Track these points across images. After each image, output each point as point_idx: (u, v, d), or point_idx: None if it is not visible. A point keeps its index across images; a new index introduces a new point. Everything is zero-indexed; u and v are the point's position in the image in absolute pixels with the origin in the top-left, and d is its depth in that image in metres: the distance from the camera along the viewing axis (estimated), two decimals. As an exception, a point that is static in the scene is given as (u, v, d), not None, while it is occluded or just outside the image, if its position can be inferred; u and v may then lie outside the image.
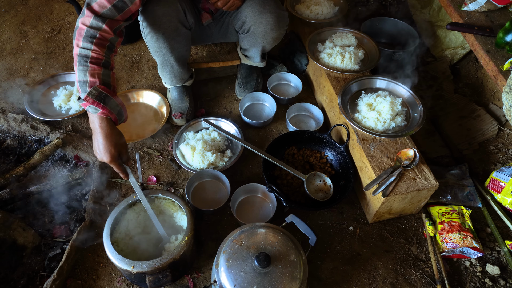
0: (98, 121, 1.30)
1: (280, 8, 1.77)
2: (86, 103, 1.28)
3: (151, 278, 1.31)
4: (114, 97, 1.33)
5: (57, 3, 2.70)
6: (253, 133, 1.98)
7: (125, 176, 1.38)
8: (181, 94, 1.98)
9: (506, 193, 1.64)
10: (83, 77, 1.30)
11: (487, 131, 1.98)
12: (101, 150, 1.31)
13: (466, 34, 1.76)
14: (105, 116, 1.30)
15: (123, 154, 1.36)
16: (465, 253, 1.53)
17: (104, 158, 1.31)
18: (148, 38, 1.66)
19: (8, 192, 1.58)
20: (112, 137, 1.31)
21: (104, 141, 1.30)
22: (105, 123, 1.30)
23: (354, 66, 1.90)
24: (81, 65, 1.30)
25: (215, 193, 1.71)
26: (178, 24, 1.64)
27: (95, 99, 1.27)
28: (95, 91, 1.28)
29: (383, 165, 1.55)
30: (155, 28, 1.61)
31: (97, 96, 1.27)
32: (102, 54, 1.32)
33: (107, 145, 1.30)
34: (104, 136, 1.30)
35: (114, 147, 1.31)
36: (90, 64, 1.30)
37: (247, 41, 1.88)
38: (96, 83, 1.29)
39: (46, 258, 1.48)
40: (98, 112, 1.29)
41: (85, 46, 1.30)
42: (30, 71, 2.24)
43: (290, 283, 1.19)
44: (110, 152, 1.30)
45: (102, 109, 1.28)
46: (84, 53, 1.30)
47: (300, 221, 1.38)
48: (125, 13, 1.38)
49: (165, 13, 1.58)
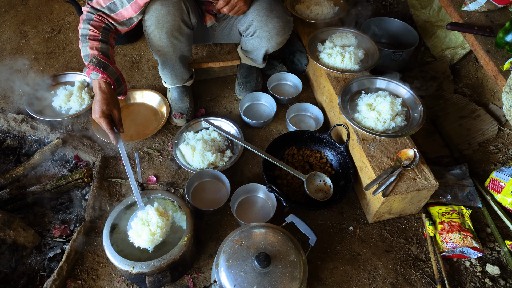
0: (98, 84, 1.46)
1: (287, 13, 1.79)
2: (89, 70, 1.45)
3: (151, 278, 1.31)
4: (112, 66, 1.49)
5: (57, 3, 2.70)
6: (253, 133, 1.98)
7: (114, 138, 1.45)
8: (181, 94, 1.98)
9: (506, 193, 1.64)
10: (85, 52, 1.49)
11: (487, 131, 1.98)
12: (94, 108, 1.43)
13: (466, 34, 1.77)
14: (104, 80, 1.46)
15: (115, 116, 1.46)
16: (465, 253, 1.53)
17: (96, 114, 1.42)
18: (151, 37, 1.66)
19: (8, 192, 1.58)
20: (107, 97, 1.44)
21: (99, 99, 1.43)
22: (104, 86, 1.46)
23: (354, 66, 1.90)
24: (82, 43, 1.50)
25: (215, 193, 1.71)
26: (181, 24, 1.64)
27: (95, 65, 1.44)
28: (95, 59, 1.45)
29: (383, 165, 1.55)
30: (158, 26, 1.61)
31: (97, 63, 1.45)
32: (98, 32, 1.50)
33: (101, 103, 1.43)
34: (100, 96, 1.44)
35: (106, 106, 1.43)
36: (89, 40, 1.49)
37: (251, 44, 1.89)
38: (95, 54, 1.47)
39: (46, 258, 1.48)
40: (99, 77, 1.45)
41: (84, 27, 1.51)
42: (30, 71, 2.24)
43: (290, 283, 1.19)
44: (101, 109, 1.42)
45: (102, 73, 1.44)
46: (84, 33, 1.50)
47: (300, 221, 1.38)
48: (118, 14, 1.55)
49: (168, 12, 1.59)
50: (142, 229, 1.33)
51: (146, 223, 1.34)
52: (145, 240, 1.32)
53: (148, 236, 1.32)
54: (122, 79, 1.55)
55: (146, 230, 1.32)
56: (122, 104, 2.05)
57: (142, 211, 1.37)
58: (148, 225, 1.34)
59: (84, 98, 2.00)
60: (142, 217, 1.35)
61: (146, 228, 1.33)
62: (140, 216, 1.36)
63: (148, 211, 1.36)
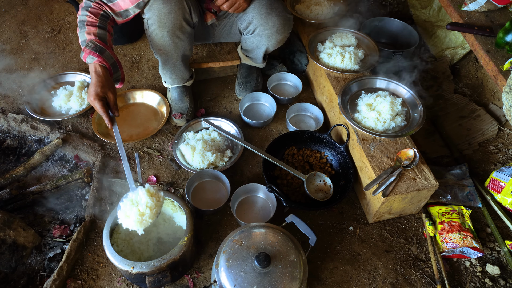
0: (93, 68, 1.46)
1: (287, 11, 1.79)
2: (85, 54, 1.44)
3: (151, 278, 1.31)
4: (109, 51, 1.49)
5: (57, 3, 2.70)
6: (253, 133, 1.98)
7: (109, 121, 1.44)
8: (181, 94, 1.98)
9: (506, 193, 1.64)
10: (82, 37, 1.49)
11: (487, 131, 1.98)
12: (89, 90, 1.43)
13: (466, 34, 1.76)
14: (99, 63, 1.45)
15: (110, 99, 1.45)
16: (465, 253, 1.53)
17: (90, 97, 1.42)
18: (152, 36, 1.66)
19: (8, 192, 1.58)
20: (101, 80, 1.44)
21: (94, 82, 1.43)
22: (99, 69, 1.45)
23: (354, 66, 1.90)
24: (80, 29, 1.51)
25: (215, 193, 1.71)
26: (183, 22, 1.65)
27: (91, 49, 1.44)
28: (91, 43, 1.46)
29: (383, 165, 1.55)
30: (160, 25, 1.61)
31: (93, 47, 1.45)
32: (96, 19, 1.51)
33: (95, 86, 1.42)
34: (95, 79, 1.44)
35: (101, 88, 1.42)
36: (87, 26, 1.49)
37: (251, 42, 1.89)
38: (92, 39, 1.47)
39: (46, 258, 1.48)
40: (94, 60, 1.44)
41: (83, 14, 1.52)
42: (30, 71, 2.24)
43: (290, 283, 1.19)
44: (96, 92, 1.42)
45: (98, 57, 1.44)
46: (82, 19, 1.51)
47: (300, 221, 1.38)
48: (115, 5, 1.54)
49: (171, 11, 1.59)
50: (130, 209, 1.27)
51: (136, 204, 1.28)
52: (134, 221, 1.25)
53: (137, 217, 1.25)
54: (119, 65, 1.55)
55: (134, 211, 1.26)
56: (122, 104, 2.05)
57: (133, 192, 1.32)
58: (138, 205, 1.28)
59: (84, 98, 2.00)
60: (132, 198, 1.30)
61: (134, 209, 1.26)
62: (130, 197, 1.31)
63: (138, 191, 1.31)
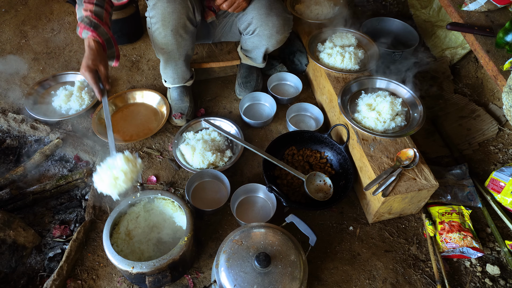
0: (87, 42, 1.47)
1: (286, 11, 1.79)
2: (80, 29, 1.47)
3: (151, 278, 1.31)
4: (104, 27, 1.51)
5: (57, 3, 2.70)
6: (253, 133, 1.98)
7: (99, 92, 1.45)
8: (181, 94, 1.98)
9: (506, 193, 1.64)
10: (80, 14, 1.52)
11: (487, 131, 1.98)
12: (82, 63, 1.44)
13: (466, 34, 1.76)
14: (93, 38, 1.47)
15: (102, 72, 1.47)
16: (465, 253, 1.53)
17: (82, 69, 1.43)
18: (155, 35, 1.67)
19: (8, 192, 1.58)
20: (94, 53, 1.45)
21: (86, 55, 1.45)
22: (93, 44, 1.47)
23: (354, 66, 1.90)
24: (79, 6, 1.53)
25: (215, 193, 1.71)
26: (186, 21, 1.65)
27: (86, 24, 1.46)
28: (87, 19, 1.48)
29: (383, 165, 1.55)
30: (164, 24, 1.62)
31: (88, 22, 1.47)
32: None
33: (87, 58, 1.44)
34: (88, 52, 1.45)
35: (92, 61, 1.44)
36: (84, 3, 1.51)
37: (251, 42, 1.89)
38: (88, 15, 1.49)
39: (46, 258, 1.48)
40: (89, 35, 1.46)
41: None
42: (30, 71, 2.24)
43: (290, 283, 1.19)
44: (87, 63, 1.43)
45: (92, 32, 1.46)
46: None
47: (300, 221, 1.38)
48: None
49: (175, 10, 1.59)
50: (105, 173, 1.29)
51: (111, 168, 1.30)
52: (107, 185, 1.28)
53: (111, 181, 1.27)
54: (113, 42, 1.57)
55: (109, 174, 1.28)
56: (122, 104, 2.05)
57: (111, 158, 1.33)
58: (113, 170, 1.30)
59: (84, 98, 2.01)
60: (109, 163, 1.32)
61: (109, 172, 1.28)
62: (107, 162, 1.32)
63: (116, 157, 1.33)
